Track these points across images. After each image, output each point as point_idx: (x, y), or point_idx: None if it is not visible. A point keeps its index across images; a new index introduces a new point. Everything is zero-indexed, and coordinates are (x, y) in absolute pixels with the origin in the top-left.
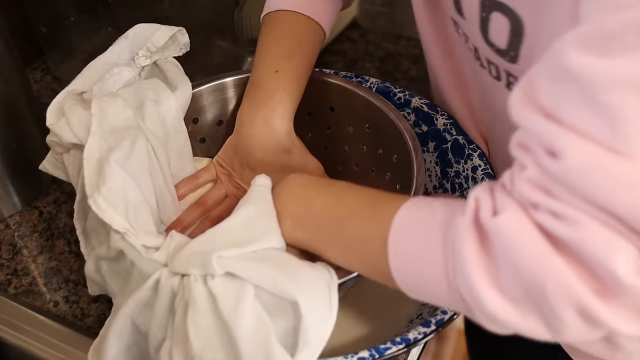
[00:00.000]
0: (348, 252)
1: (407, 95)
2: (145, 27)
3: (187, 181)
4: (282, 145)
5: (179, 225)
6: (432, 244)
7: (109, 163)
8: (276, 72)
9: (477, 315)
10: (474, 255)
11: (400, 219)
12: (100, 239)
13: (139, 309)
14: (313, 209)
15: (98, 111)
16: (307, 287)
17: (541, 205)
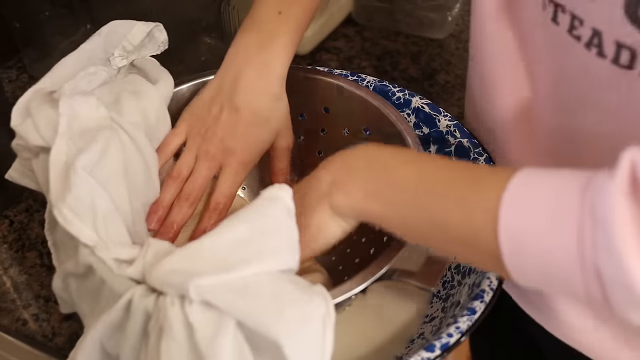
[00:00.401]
0: (441, 232)
1: (407, 95)
2: (120, 24)
3: (160, 151)
4: (275, 89)
5: (158, 209)
6: (561, 211)
7: (75, 169)
8: (279, 13)
9: (615, 295)
10: (631, 226)
11: (515, 187)
12: (69, 252)
13: (109, 332)
14: (395, 178)
15: (67, 110)
16: (296, 328)
17: None
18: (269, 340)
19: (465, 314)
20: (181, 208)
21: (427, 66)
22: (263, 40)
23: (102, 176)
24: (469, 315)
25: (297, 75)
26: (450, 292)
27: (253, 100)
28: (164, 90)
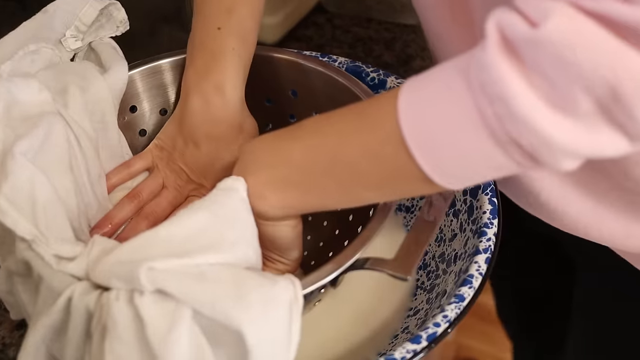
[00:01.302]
0: (358, 182)
1: (382, 76)
2: (68, 0)
3: (119, 170)
4: (233, 117)
5: (108, 223)
6: (456, 101)
7: (13, 155)
8: (219, 29)
9: (541, 155)
10: (520, 86)
11: (404, 103)
12: (11, 249)
13: (51, 335)
14: (294, 159)
15: (5, 94)
16: (257, 312)
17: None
18: (230, 329)
19: (453, 302)
20: (138, 224)
21: (402, 52)
22: (208, 65)
23: (44, 164)
24: (457, 302)
25: (263, 56)
26: (435, 282)
27: (212, 132)
28: (113, 82)
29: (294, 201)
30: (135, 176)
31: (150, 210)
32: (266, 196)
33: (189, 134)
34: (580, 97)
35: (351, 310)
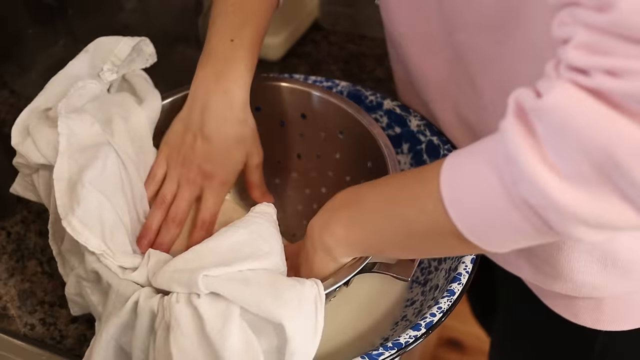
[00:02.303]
0: (407, 231)
1: (379, 98)
2: (106, 39)
3: (148, 183)
4: (239, 115)
5: (148, 233)
6: (481, 167)
7: (83, 184)
8: (231, 41)
9: (553, 224)
10: (528, 149)
11: (446, 168)
12: (80, 260)
13: (121, 331)
14: (366, 205)
15: (65, 130)
16: (293, 308)
17: (593, 68)
18: (271, 322)
19: (445, 296)
20: (169, 230)
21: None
22: (220, 71)
23: (105, 189)
24: (449, 296)
25: (276, 85)
26: (428, 277)
27: (221, 128)
28: (151, 116)
29: (357, 237)
30: (160, 183)
31: (174, 214)
32: (336, 232)
33: (200, 130)
34: (581, 162)
35: (357, 303)
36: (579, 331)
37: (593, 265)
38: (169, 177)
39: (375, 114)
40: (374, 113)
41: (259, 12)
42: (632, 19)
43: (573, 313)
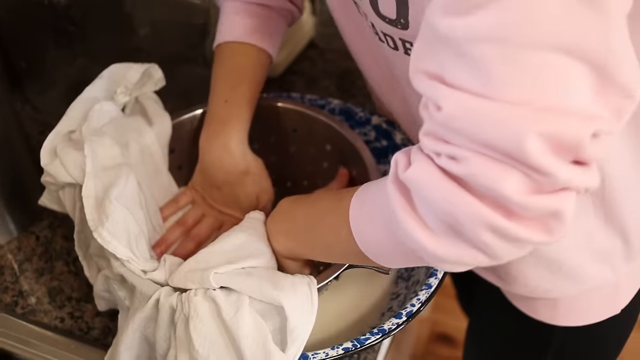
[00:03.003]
0: (329, 248)
1: (367, 114)
2: (118, 66)
3: (169, 205)
4: (240, 166)
5: (163, 243)
6: (376, 211)
7: (111, 200)
8: (225, 101)
9: (426, 259)
10: (402, 207)
11: (353, 205)
12: (108, 263)
13: (145, 323)
14: (298, 220)
15: (90, 152)
16: (289, 291)
17: (441, 152)
18: (273, 304)
19: (424, 289)
20: (186, 245)
21: None
22: (218, 130)
23: (128, 204)
24: (427, 289)
25: (271, 104)
26: (411, 274)
27: (226, 179)
28: (160, 134)
29: (294, 245)
30: (181, 209)
31: (195, 234)
32: (279, 240)
33: (210, 182)
34: (434, 220)
35: (349, 297)
36: (539, 325)
37: (542, 271)
38: (195, 208)
39: (364, 128)
40: (363, 127)
41: (252, 71)
42: (455, 122)
43: (533, 310)
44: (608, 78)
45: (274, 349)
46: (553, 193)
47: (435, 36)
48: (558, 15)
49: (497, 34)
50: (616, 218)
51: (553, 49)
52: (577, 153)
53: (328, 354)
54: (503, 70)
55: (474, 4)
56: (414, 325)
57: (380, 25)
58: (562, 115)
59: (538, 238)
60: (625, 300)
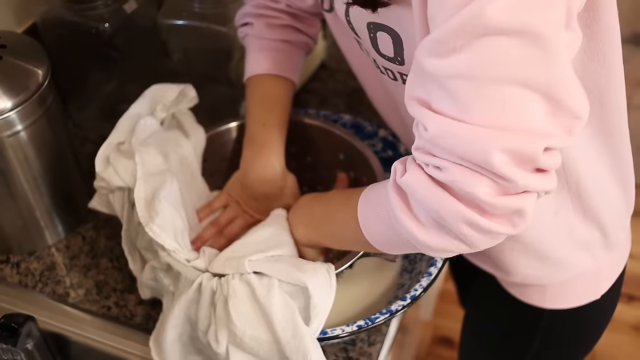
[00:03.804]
0: (342, 237)
1: (375, 127)
2: (158, 87)
3: (205, 208)
4: (277, 181)
5: (199, 240)
6: (379, 208)
7: (159, 199)
8: (263, 125)
9: (419, 248)
10: (399, 206)
11: (361, 202)
12: (155, 255)
13: (189, 304)
14: (315, 214)
15: (140, 160)
16: (312, 275)
17: (429, 163)
18: (299, 286)
19: (425, 276)
20: (219, 241)
21: None
22: (258, 150)
23: (173, 203)
24: (428, 276)
25: (292, 119)
26: (414, 266)
27: (265, 192)
28: (196, 145)
29: (313, 235)
30: (214, 212)
31: (228, 232)
32: (299, 231)
33: (250, 193)
34: (424, 217)
35: (360, 286)
36: (530, 309)
37: (531, 261)
38: (228, 211)
39: (372, 140)
40: (371, 139)
41: (281, 98)
42: (438, 140)
43: (525, 295)
44: (558, 104)
45: (300, 322)
46: (516, 195)
47: (423, 72)
48: (516, 58)
49: (469, 72)
50: (593, 214)
51: (513, 83)
52: (533, 164)
53: (344, 330)
54: (474, 100)
55: (451, 49)
56: (417, 328)
57: (381, 61)
58: (520, 134)
59: (505, 230)
60: (605, 286)
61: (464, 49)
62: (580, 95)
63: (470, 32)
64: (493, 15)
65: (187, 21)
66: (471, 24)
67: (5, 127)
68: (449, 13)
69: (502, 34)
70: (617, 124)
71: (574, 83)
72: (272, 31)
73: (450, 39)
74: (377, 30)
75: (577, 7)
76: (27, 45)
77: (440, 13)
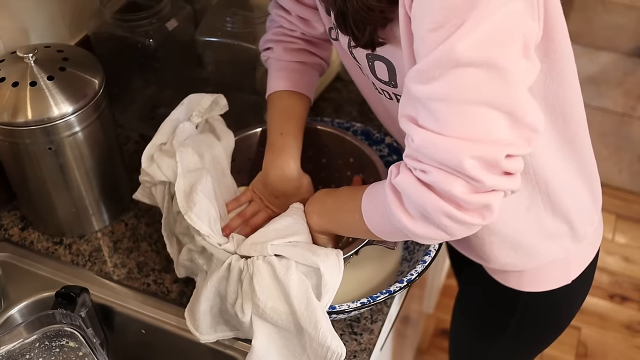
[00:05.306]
0: (348, 225)
1: (382, 135)
2: (194, 96)
3: (233, 202)
4: (294, 181)
5: (228, 229)
6: (379, 203)
7: (197, 192)
8: (281, 134)
9: (409, 236)
10: (393, 202)
11: (364, 197)
12: (191, 239)
13: (219, 281)
14: (327, 205)
15: (180, 159)
16: (324, 258)
17: (416, 167)
18: (313, 267)
19: (420, 263)
20: (245, 230)
21: None
22: (276, 156)
23: (208, 196)
24: (423, 264)
25: (308, 126)
26: (412, 255)
27: (284, 190)
28: (226, 147)
29: (324, 223)
30: (241, 205)
31: (252, 222)
32: (313, 219)
33: (271, 191)
34: (413, 211)
35: (365, 272)
36: (509, 292)
37: (508, 251)
38: (253, 205)
39: (379, 145)
40: (379, 145)
41: (297, 110)
42: (422, 149)
43: (505, 280)
44: (518, 120)
45: (313, 297)
46: (485, 193)
47: (410, 95)
48: (482, 85)
49: (445, 95)
50: (561, 210)
51: (480, 104)
52: (498, 167)
53: (350, 306)
54: (450, 118)
55: (431, 77)
56: (421, 321)
57: (378, 84)
58: (486, 144)
59: (476, 221)
60: (575, 273)
61: (440, 78)
62: (536, 112)
63: (445, 64)
64: (462, 51)
65: (220, 38)
66: (445, 58)
67: (66, 128)
68: (428, 49)
69: (470, 66)
70: (579, 133)
71: (530, 102)
72: (289, 54)
73: (430, 70)
74: (375, 59)
75: (533, 41)
76: (85, 58)
77: (422, 49)
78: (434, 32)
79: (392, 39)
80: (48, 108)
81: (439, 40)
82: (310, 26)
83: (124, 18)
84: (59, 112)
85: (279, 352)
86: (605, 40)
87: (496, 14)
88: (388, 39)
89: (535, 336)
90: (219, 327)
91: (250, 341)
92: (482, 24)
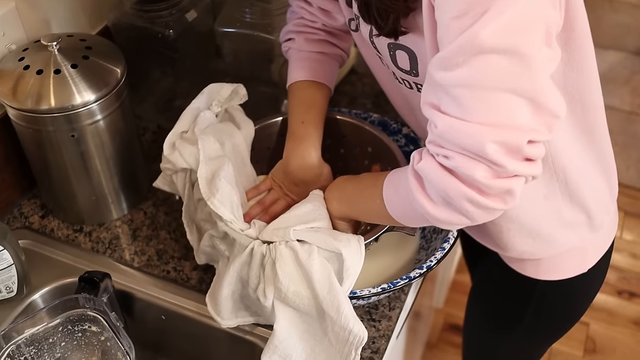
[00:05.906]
0: (369, 211)
1: (399, 125)
2: (214, 85)
3: (253, 190)
4: (315, 169)
5: (247, 216)
6: (400, 188)
7: (220, 178)
8: (302, 122)
9: (430, 221)
10: (415, 187)
11: (386, 183)
12: (213, 225)
13: (241, 266)
14: (347, 191)
15: (201, 146)
16: (346, 243)
17: (439, 153)
18: (335, 252)
19: (439, 251)
20: (264, 218)
21: None
22: (298, 144)
23: (230, 183)
24: (442, 250)
25: (328, 116)
26: (430, 244)
27: (304, 178)
28: (246, 135)
29: (344, 209)
30: (261, 193)
31: (272, 210)
32: (333, 205)
33: (291, 179)
34: (435, 196)
35: (384, 260)
36: (526, 280)
37: (525, 239)
38: (272, 193)
39: (396, 136)
40: (396, 135)
41: (318, 99)
42: (445, 135)
43: (522, 268)
44: (540, 106)
45: (335, 281)
46: (507, 178)
47: (433, 82)
48: (505, 71)
49: (468, 82)
50: (579, 199)
51: (503, 90)
52: (520, 153)
53: (370, 291)
54: (473, 104)
55: (455, 64)
56: (430, 316)
57: (399, 74)
58: (509, 130)
59: (498, 206)
60: (591, 262)
61: (464, 64)
62: (558, 99)
63: (468, 51)
64: (485, 38)
65: (239, 29)
66: (469, 45)
67: (88, 116)
68: (452, 37)
69: (493, 52)
70: (597, 122)
71: (552, 89)
72: (310, 45)
73: (454, 57)
74: (396, 49)
75: (555, 29)
76: (107, 47)
77: (446, 37)
78: (458, 20)
79: (415, 28)
80: (71, 96)
81: (463, 27)
82: (331, 17)
83: (144, 9)
84: (82, 100)
85: (300, 336)
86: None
87: (519, 2)
88: (410, 28)
89: (550, 326)
90: (240, 313)
91: (270, 327)
92: (505, 11)
